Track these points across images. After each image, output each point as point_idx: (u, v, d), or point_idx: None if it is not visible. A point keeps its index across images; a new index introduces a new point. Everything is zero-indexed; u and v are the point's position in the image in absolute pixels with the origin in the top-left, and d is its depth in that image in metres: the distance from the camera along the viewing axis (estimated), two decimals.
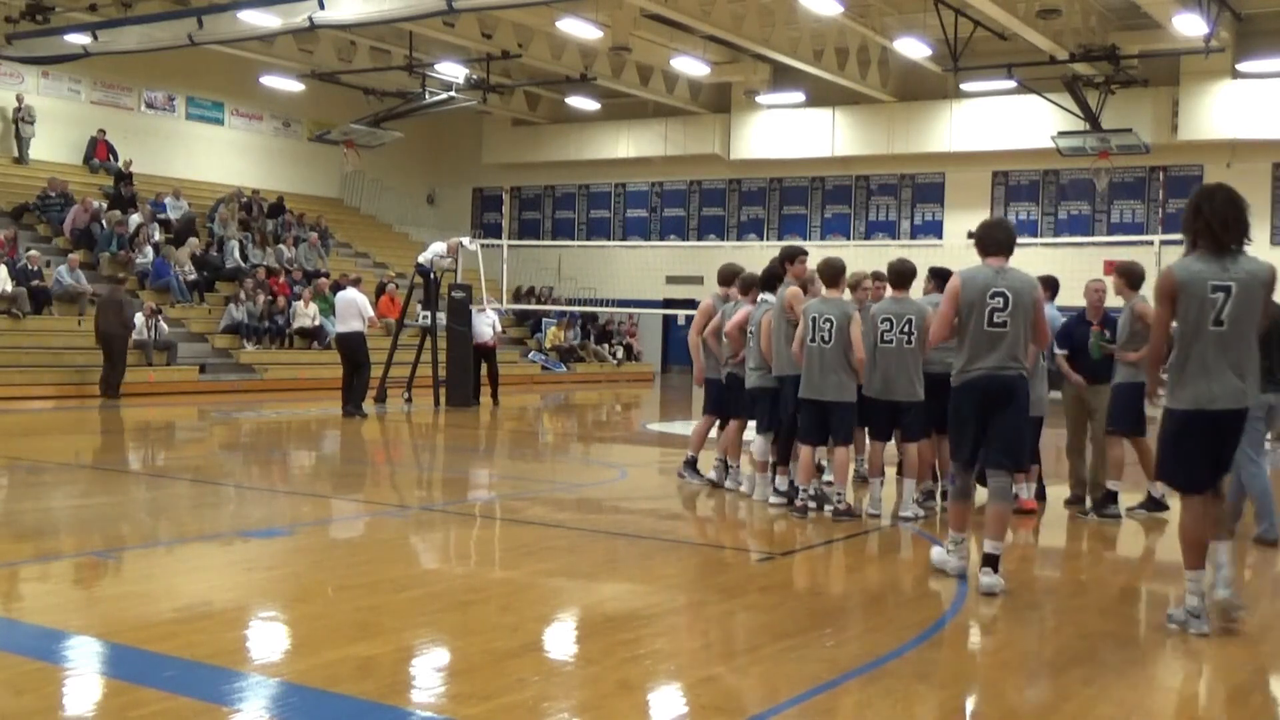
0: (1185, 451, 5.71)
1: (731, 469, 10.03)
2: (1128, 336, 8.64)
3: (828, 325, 8.31)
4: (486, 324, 19.08)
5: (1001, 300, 6.38)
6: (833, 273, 8.57)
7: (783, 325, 8.82)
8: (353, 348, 16.09)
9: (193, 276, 22.67)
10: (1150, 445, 7.58)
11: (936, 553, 7.03)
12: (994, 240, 6.60)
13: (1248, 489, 7.83)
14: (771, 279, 9.44)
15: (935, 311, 7.26)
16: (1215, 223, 5.56)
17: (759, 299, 9.43)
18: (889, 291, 8.76)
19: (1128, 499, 9.09)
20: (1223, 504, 6.14)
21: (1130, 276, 8.68)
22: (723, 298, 10.01)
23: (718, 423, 10.15)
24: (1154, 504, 8.98)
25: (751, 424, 9.58)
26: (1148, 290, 7.78)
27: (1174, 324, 5.70)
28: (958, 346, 6.58)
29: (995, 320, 6.38)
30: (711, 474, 10.08)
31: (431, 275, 18.52)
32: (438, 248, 18.68)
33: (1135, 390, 8.55)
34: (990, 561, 6.41)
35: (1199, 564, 5.72)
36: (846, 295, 8.89)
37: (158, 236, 23.17)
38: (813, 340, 8.37)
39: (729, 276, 10.06)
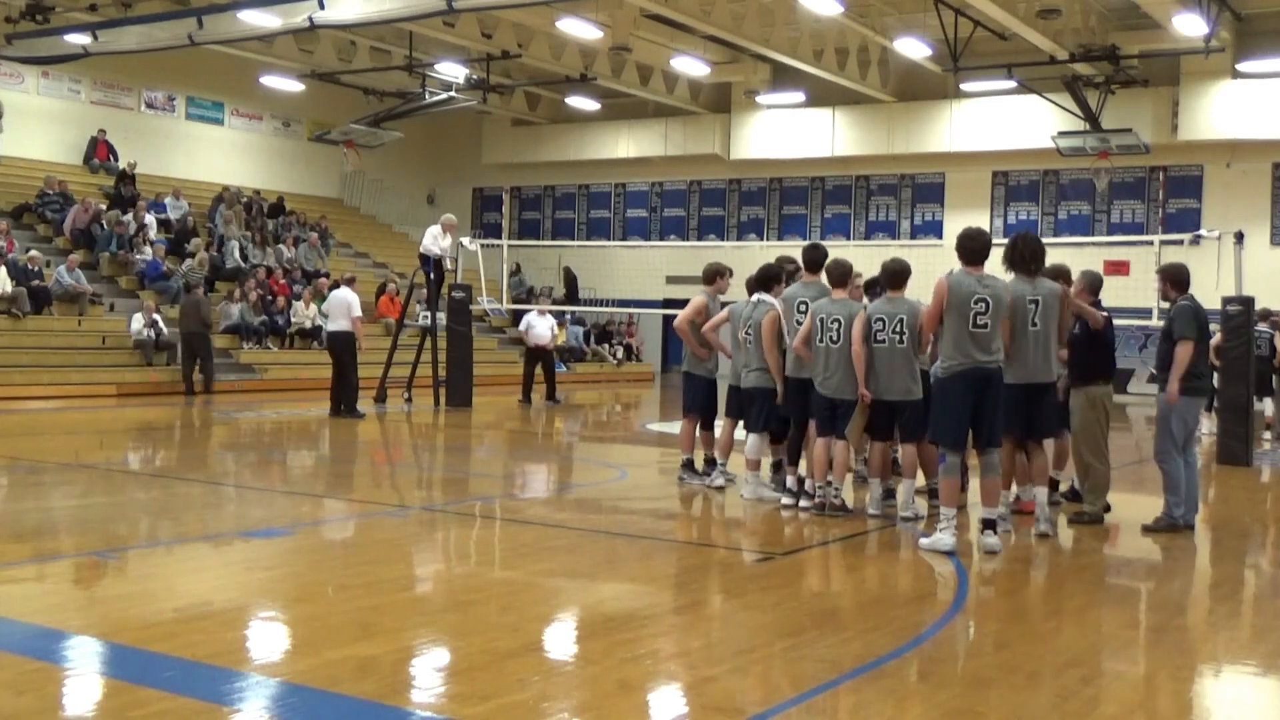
0: (1008, 411, 7.77)
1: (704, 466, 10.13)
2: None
3: (835, 325, 8.50)
4: (546, 326, 19.55)
5: (984, 305, 7.44)
6: (840, 273, 8.83)
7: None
8: (342, 347, 16.03)
9: None
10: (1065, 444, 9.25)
11: (925, 541, 7.54)
12: (971, 251, 7.61)
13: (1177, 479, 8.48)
14: (767, 280, 9.52)
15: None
16: (1027, 255, 7.96)
17: (756, 299, 9.48)
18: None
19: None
20: (1042, 456, 8.26)
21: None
22: (712, 295, 10.19)
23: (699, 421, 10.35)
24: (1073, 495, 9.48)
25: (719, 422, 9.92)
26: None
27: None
28: (944, 342, 7.59)
29: (978, 323, 7.44)
30: (707, 480, 10.11)
31: (436, 261, 18.25)
32: (434, 230, 18.46)
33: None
34: (989, 525, 7.52)
35: (1007, 486, 8.26)
36: None
37: (155, 235, 23.17)
38: (821, 340, 8.56)
39: (712, 276, 10.31)
